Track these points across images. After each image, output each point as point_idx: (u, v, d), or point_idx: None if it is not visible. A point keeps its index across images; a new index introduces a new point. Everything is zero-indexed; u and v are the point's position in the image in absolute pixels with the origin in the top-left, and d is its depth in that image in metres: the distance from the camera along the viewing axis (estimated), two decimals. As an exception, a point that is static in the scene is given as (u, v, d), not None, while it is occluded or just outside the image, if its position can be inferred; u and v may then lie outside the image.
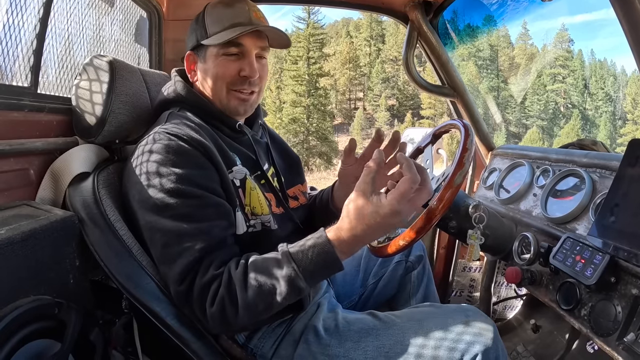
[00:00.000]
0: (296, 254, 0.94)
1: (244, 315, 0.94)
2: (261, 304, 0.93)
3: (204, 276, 0.94)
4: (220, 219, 1.01)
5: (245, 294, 0.92)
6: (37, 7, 1.17)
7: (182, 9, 1.87)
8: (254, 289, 0.92)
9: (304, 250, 0.94)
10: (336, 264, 0.94)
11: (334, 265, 0.94)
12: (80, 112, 1.22)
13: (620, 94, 46.46)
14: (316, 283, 0.99)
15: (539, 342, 1.81)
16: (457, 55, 21.06)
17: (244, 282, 0.93)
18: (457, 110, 2.16)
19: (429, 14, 1.96)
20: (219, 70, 1.17)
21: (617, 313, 1.01)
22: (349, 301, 1.49)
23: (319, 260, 0.93)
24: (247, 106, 1.22)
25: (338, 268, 0.94)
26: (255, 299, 0.92)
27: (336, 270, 0.95)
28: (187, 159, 1.01)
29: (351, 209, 0.92)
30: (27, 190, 1.14)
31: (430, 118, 44.30)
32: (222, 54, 1.16)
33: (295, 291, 0.93)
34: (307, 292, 0.98)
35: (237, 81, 1.18)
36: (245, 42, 1.16)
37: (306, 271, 0.93)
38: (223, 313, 0.93)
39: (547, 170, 1.52)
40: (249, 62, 1.17)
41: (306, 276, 0.93)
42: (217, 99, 1.20)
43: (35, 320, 0.87)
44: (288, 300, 0.94)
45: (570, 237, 1.19)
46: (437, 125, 1.31)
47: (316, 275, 0.95)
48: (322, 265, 0.93)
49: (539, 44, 51.52)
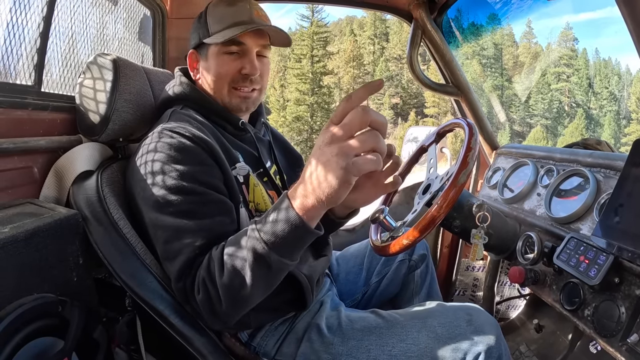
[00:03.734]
0: (260, 219, 0.85)
1: (225, 297, 0.88)
2: (235, 279, 0.86)
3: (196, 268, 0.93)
4: (222, 216, 1.01)
5: (221, 272, 0.87)
6: (40, 5, 1.18)
7: (186, 7, 1.87)
8: (227, 265, 0.87)
9: (267, 215, 0.83)
10: (297, 221, 0.79)
11: (295, 222, 0.79)
12: (84, 110, 1.22)
13: (624, 93, 46.24)
14: (287, 249, 0.83)
15: (542, 342, 1.81)
16: (461, 54, 21.00)
17: (220, 260, 0.89)
18: (461, 109, 2.15)
19: (433, 12, 1.95)
20: (221, 68, 1.18)
21: (620, 314, 1.01)
22: (352, 300, 1.49)
23: (278, 217, 0.80)
24: (249, 103, 1.23)
25: (302, 227, 0.79)
26: (230, 275, 0.86)
27: (300, 228, 0.79)
28: (190, 156, 1.01)
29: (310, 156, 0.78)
30: (31, 189, 1.14)
31: (434, 117, 44.23)
32: (223, 52, 1.17)
33: (261, 260, 0.83)
34: (276, 262, 0.84)
35: (239, 79, 1.19)
36: (246, 40, 1.17)
37: (266, 234, 0.82)
38: (208, 297, 0.90)
39: (551, 169, 1.52)
40: (250, 60, 1.18)
41: (267, 240, 0.81)
42: (219, 97, 1.21)
43: (39, 318, 0.88)
44: (258, 272, 0.85)
45: (574, 237, 1.19)
46: (441, 124, 1.31)
47: (281, 237, 0.81)
48: (283, 225, 0.80)
49: (543, 43, 51.36)
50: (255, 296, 0.91)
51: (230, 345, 1.11)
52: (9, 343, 0.81)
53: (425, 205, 1.14)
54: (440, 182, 1.13)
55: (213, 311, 0.91)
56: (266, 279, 0.89)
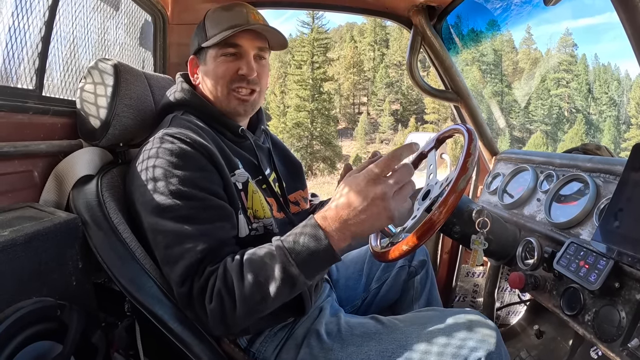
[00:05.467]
0: (287, 242, 0.90)
1: (242, 309, 0.90)
2: (257, 294, 0.90)
3: (203, 275, 0.93)
4: (222, 221, 1.01)
5: (241, 284, 0.89)
6: (42, 10, 1.18)
7: (187, 13, 1.88)
8: (249, 279, 0.89)
9: (295, 237, 0.89)
10: (328, 250, 0.87)
11: (326, 251, 0.87)
12: (84, 115, 1.23)
13: (624, 98, 46.30)
14: (312, 272, 0.90)
15: (543, 348, 1.80)
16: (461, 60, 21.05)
17: (240, 273, 0.90)
18: (460, 114, 2.15)
19: (433, 18, 1.96)
20: (218, 70, 1.19)
21: (621, 318, 1.01)
22: (352, 306, 1.48)
23: (310, 244, 0.87)
24: (247, 106, 1.24)
25: (330, 254, 0.87)
26: (251, 289, 0.89)
27: (329, 256, 0.88)
28: (190, 161, 1.02)
29: (339, 193, 0.89)
30: (31, 192, 1.14)
31: (434, 123, 44.27)
32: (220, 55, 1.19)
33: (289, 280, 0.88)
34: (302, 283, 0.90)
35: (236, 80, 1.20)
36: (242, 42, 1.19)
37: (298, 257, 0.88)
38: (222, 307, 0.91)
39: (551, 175, 1.52)
40: (247, 61, 1.20)
41: (298, 262, 0.88)
42: (218, 100, 1.22)
43: (38, 322, 0.88)
44: (283, 290, 0.90)
45: (574, 242, 1.19)
46: (440, 130, 1.31)
47: (309, 262, 0.88)
48: (314, 250, 0.87)
49: (542, 49, 51.50)
50: (269, 309, 0.95)
51: (229, 351, 1.11)
52: (8, 346, 0.80)
53: (424, 211, 1.13)
54: (439, 188, 1.13)
55: (223, 320, 0.93)
56: (287, 296, 0.93)
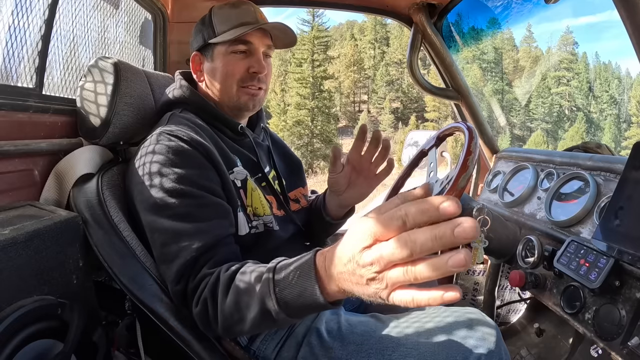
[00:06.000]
0: (279, 273, 0.79)
1: (222, 323, 0.88)
2: (236, 314, 0.85)
3: (197, 275, 0.93)
4: (219, 219, 1.01)
5: (224, 301, 0.87)
6: (42, 8, 1.18)
7: (187, 11, 1.88)
8: (231, 298, 0.85)
9: (287, 272, 0.77)
10: (316, 299, 0.71)
11: (313, 299, 0.72)
12: (84, 113, 1.23)
13: (625, 96, 46.30)
14: (296, 313, 0.78)
15: (543, 346, 1.80)
16: (462, 58, 21.03)
17: (226, 289, 0.87)
18: (461, 113, 2.15)
19: (433, 16, 1.96)
20: (229, 67, 1.19)
21: (621, 317, 1.00)
22: (352, 304, 1.48)
23: (299, 286, 0.74)
24: (256, 102, 1.25)
25: (318, 303, 0.72)
26: (231, 309, 0.85)
27: (316, 304, 0.72)
28: (187, 159, 1.02)
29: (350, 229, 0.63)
30: (32, 191, 1.14)
31: (435, 121, 44.31)
32: (230, 52, 1.19)
33: (267, 314, 0.79)
34: (282, 320, 0.79)
35: (247, 77, 1.20)
36: (253, 40, 1.19)
37: (281, 294, 0.77)
38: (205, 315, 0.91)
39: (551, 173, 1.52)
40: (257, 59, 1.21)
41: (280, 300, 0.77)
42: (226, 96, 1.22)
43: (38, 320, 0.87)
44: (261, 321, 0.82)
45: (575, 241, 1.19)
46: (441, 128, 1.31)
47: (293, 303, 0.76)
48: (301, 293, 0.73)
49: (543, 47, 51.59)
50: (250, 332, 0.97)
51: (229, 349, 1.11)
52: (8, 345, 0.80)
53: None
54: (440, 186, 1.13)
55: (206, 326, 0.93)
56: (266, 327, 0.89)
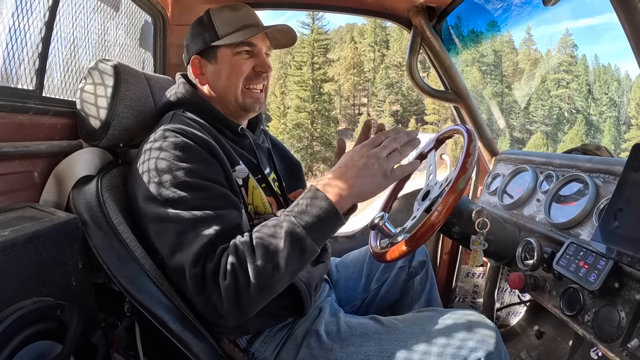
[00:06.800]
0: (291, 209, 0.95)
1: (256, 282, 0.90)
2: (269, 263, 0.90)
3: (215, 253, 0.93)
4: (231, 208, 1.01)
5: (253, 256, 0.90)
6: (42, 11, 1.18)
7: (187, 14, 1.88)
8: (260, 250, 0.91)
9: (298, 204, 0.95)
10: (331, 209, 0.93)
11: (329, 210, 0.93)
12: (84, 115, 1.23)
13: (624, 98, 46.35)
14: (319, 234, 0.94)
15: (543, 349, 1.80)
16: (461, 61, 21.06)
17: (251, 246, 0.91)
18: (460, 115, 2.15)
19: (433, 19, 1.96)
20: (236, 68, 1.21)
21: (620, 319, 1.00)
22: (351, 306, 1.48)
23: (313, 206, 0.93)
24: (261, 103, 1.28)
25: (334, 214, 0.93)
26: (263, 259, 0.90)
27: (332, 215, 0.93)
28: (193, 154, 1.02)
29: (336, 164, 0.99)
30: (31, 193, 1.14)
31: (434, 123, 44.36)
32: (236, 53, 1.21)
33: (297, 243, 0.91)
34: (310, 247, 0.93)
35: (252, 76, 1.23)
36: (257, 41, 1.22)
37: (303, 219, 0.92)
38: (236, 283, 0.90)
39: (550, 175, 1.52)
40: (262, 59, 1.24)
41: (304, 225, 0.92)
42: (232, 97, 1.23)
43: (37, 322, 0.87)
44: (293, 254, 0.91)
45: (574, 243, 1.19)
46: (440, 131, 1.31)
47: (314, 223, 0.92)
48: (318, 210, 0.92)
49: (542, 49, 51.63)
50: (282, 282, 0.96)
51: (228, 351, 1.11)
52: (8, 346, 0.80)
53: (424, 212, 1.14)
54: (439, 189, 1.13)
55: (237, 298, 0.91)
56: (298, 263, 0.94)
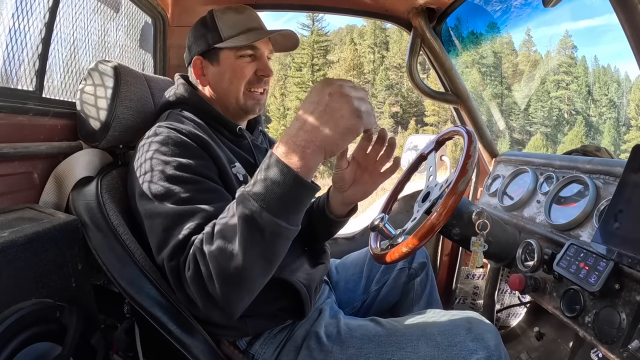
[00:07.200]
0: (247, 184, 0.82)
1: (218, 272, 0.80)
2: (225, 248, 0.79)
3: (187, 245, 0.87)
4: (221, 202, 0.95)
5: (210, 243, 0.81)
6: (42, 12, 1.19)
7: (187, 15, 1.88)
8: (216, 235, 0.81)
9: (254, 176, 0.81)
10: (288, 173, 0.76)
11: (286, 175, 0.76)
12: (84, 116, 1.23)
13: (624, 100, 46.39)
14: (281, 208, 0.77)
15: (543, 350, 1.79)
16: (461, 62, 21.08)
17: (211, 233, 0.83)
18: (460, 117, 2.15)
19: (432, 21, 1.96)
20: (238, 71, 1.22)
21: (621, 320, 1.00)
22: (351, 308, 1.48)
23: (268, 174, 0.77)
24: (261, 105, 1.28)
25: (293, 179, 0.76)
26: (218, 244, 0.80)
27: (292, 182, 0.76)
28: (186, 149, 1.02)
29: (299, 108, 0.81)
30: (31, 194, 1.14)
31: (434, 125, 44.34)
32: (239, 56, 1.21)
33: (251, 220, 0.77)
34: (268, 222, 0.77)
35: (255, 80, 1.24)
36: (260, 45, 1.23)
37: (253, 191, 0.78)
38: (197, 273, 0.83)
39: (550, 176, 1.52)
40: (264, 63, 1.25)
41: (255, 197, 0.77)
42: (233, 99, 1.23)
43: (37, 323, 0.87)
44: (251, 234, 0.78)
45: (574, 244, 1.19)
46: (440, 132, 1.31)
47: (271, 195, 0.77)
48: (273, 180, 0.77)
49: (542, 51, 51.66)
50: (249, 270, 0.81)
51: (228, 353, 1.11)
52: (7, 347, 0.80)
53: (424, 213, 1.14)
54: (439, 190, 1.13)
55: (205, 292, 0.83)
56: (260, 247, 0.80)
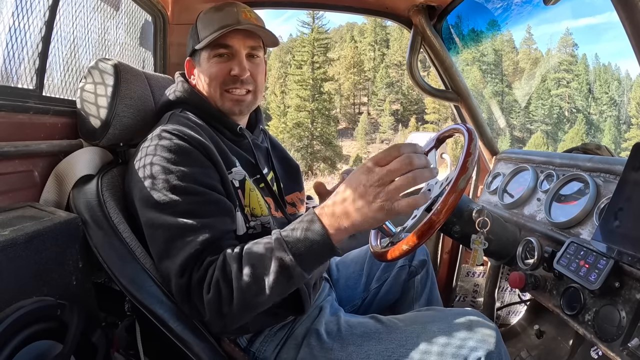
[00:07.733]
0: (285, 233, 0.90)
1: (239, 301, 0.89)
2: (254, 285, 0.88)
3: (202, 265, 0.93)
4: (222, 216, 1.01)
5: (239, 275, 0.89)
6: (43, 10, 1.18)
7: (187, 13, 1.88)
8: (247, 270, 0.89)
9: (293, 228, 0.89)
10: (325, 241, 0.86)
11: (323, 242, 0.86)
12: (85, 114, 1.23)
13: (624, 98, 46.29)
14: (309, 264, 0.89)
15: (543, 348, 1.80)
16: (461, 60, 21.05)
17: (239, 264, 0.90)
18: (461, 114, 2.15)
19: (433, 18, 1.96)
20: (211, 71, 1.19)
21: (621, 318, 1.00)
22: (352, 305, 1.48)
23: (307, 235, 0.87)
24: (243, 106, 1.24)
25: (328, 246, 0.87)
26: (249, 280, 0.88)
27: (326, 248, 0.87)
28: (188, 157, 1.02)
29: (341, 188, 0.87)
30: (32, 192, 1.14)
31: (435, 123, 44.29)
32: (212, 56, 1.19)
33: (285, 271, 0.87)
34: (298, 275, 0.89)
35: (229, 81, 1.20)
36: (232, 42, 1.18)
37: (294, 247, 0.87)
38: (219, 298, 0.90)
39: (551, 174, 1.52)
40: (238, 62, 1.19)
41: (294, 252, 0.87)
42: (213, 101, 1.22)
43: (38, 321, 0.88)
44: (279, 282, 0.88)
45: (574, 242, 1.19)
46: (441, 130, 1.31)
47: (305, 253, 0.87)
48: (311, 241, 0.86)
49: (543, 49, 51.56)
50: (266, 303, 0.94)
51: (229, 350, 1.11)
52: (8, 345, 0.80)
53: (424, 211, 1.13)
54: (440, 188, 1.13)
55: (219, 312, 0.91)
56: (283, 289, 0.92)
